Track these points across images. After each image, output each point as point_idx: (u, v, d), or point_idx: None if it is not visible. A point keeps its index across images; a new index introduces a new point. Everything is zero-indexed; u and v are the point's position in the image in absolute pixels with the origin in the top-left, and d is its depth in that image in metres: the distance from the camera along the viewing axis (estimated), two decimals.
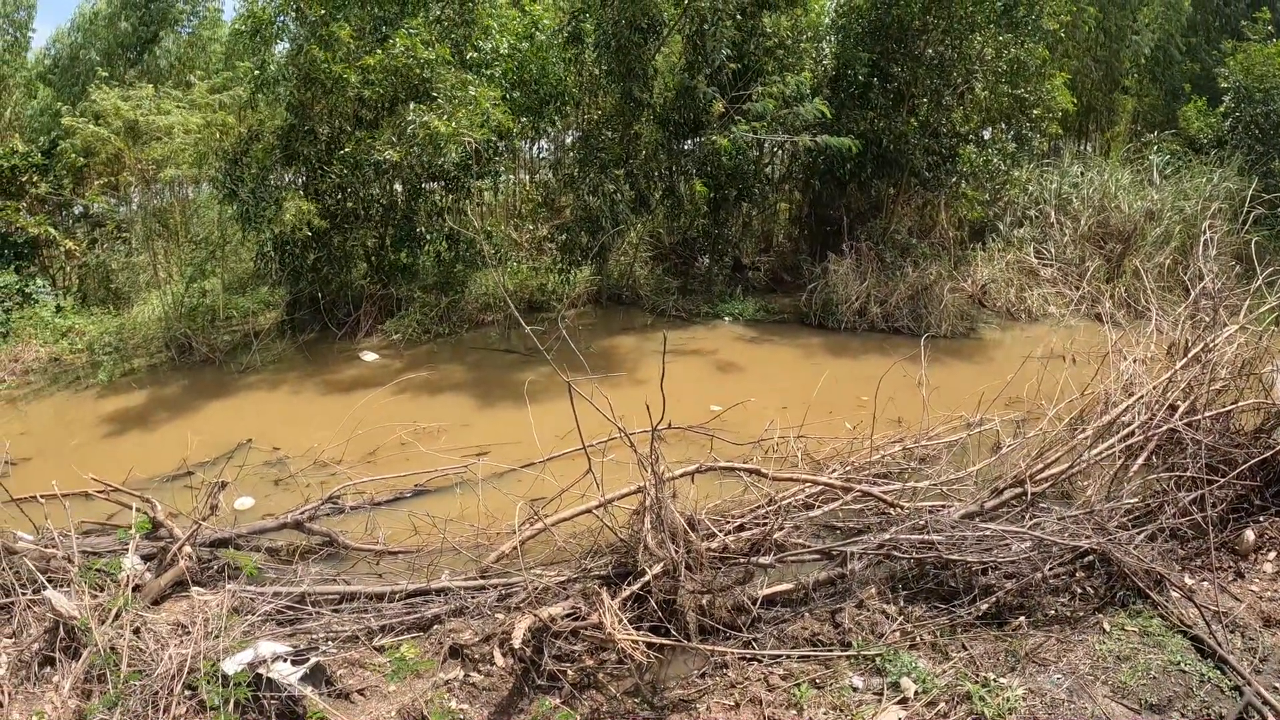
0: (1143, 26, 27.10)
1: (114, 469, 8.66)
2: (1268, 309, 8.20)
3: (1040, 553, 6.04)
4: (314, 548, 7.32)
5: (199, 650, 5.01)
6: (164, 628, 5.43)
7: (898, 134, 16.94)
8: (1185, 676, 5.02)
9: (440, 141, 13.57)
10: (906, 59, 17.08)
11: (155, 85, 17.33)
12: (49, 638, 5.25)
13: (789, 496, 6.93)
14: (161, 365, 14.29)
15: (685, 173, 17.10)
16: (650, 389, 5.91)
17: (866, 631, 5.60)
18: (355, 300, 15.79)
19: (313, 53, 13.82)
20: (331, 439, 9.60)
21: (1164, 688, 4.91)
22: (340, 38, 13.76)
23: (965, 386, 9.74)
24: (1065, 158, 22.32)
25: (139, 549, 6.42)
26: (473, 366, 13.83)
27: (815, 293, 16.38)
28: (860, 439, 8.27)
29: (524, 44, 16.03)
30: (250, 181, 14.20)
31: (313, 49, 13.85)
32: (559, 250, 17.38)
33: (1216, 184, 19.24)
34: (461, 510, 7.43)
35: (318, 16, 14.05)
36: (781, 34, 17.11)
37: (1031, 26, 17.08)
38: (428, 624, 5.88)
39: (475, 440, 9.77)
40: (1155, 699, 4.81)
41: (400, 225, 15.67)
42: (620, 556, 5.82)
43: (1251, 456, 6.92)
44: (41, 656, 5.20)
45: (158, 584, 6.12)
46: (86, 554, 6.38)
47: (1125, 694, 4.86)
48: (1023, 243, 18.73)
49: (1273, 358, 7.90)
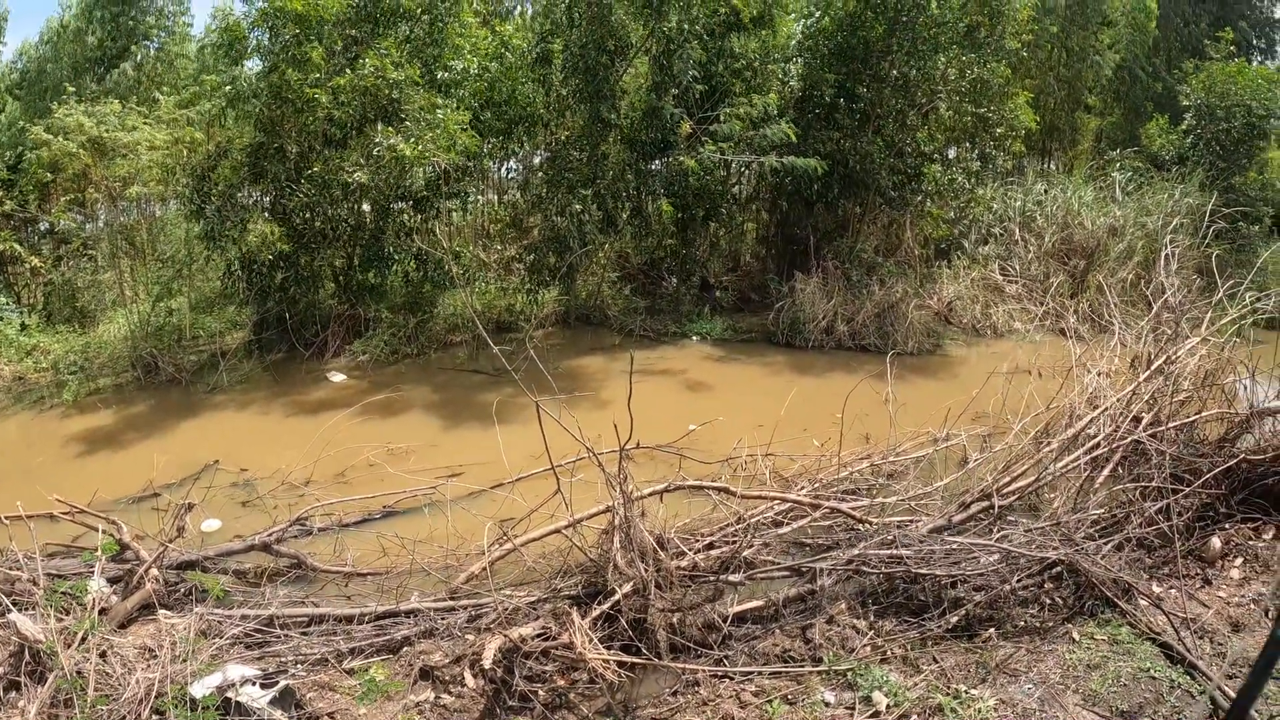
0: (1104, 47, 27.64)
1: (79, 490, 8.53)
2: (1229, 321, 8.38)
3: (1008, 565, 6.11)
4: (282, 570, 7.25)
5: (167, 674, 4.95)
6: (131, 651, 5.35)
7: (863, 154, 17.15)
8: (1155, 683, 5.08)
9: (407, 164, 13.57)
10: (872, 80, 17.32)
11: (122, 101, 17.19)
12: (14, 662, 5.15)
13: (758, 514, 6.97)
14: (127, 385, 14.12)
15: (653, 193, 17.19)
16: (618, 409, 5.93)
17: (837, 646, 5.63)
18: (323, 320, 15.68)
19: (285, 73, 13.78)
20: (299, 460, 9.53)
21: (1134, 694, 4.98)
22: (313, 59, 13.74)
23: (932, 402, 9.84)
24: (1029, 175, 22.73)
25: (105, 571, 6.34)
26: (441, 387, 13.78)
27: (782, 311, 16.52)
28: (828, 456, 8.33)
29: (493, 64, 16.07)
30: (217, 199, 14.10)
31: (285, 69, 13.81)
32: (527, 270, 17.40)
33: (1178, 200, 19.62)
34: (431, 531, 7.40)
35: (291, 35, 14.01)
36: (749, 56, 17.31)
37: (994, 46, 17.41)
38: (398, 646, 5.85)
39: (444, 461, 9.74)
40: (1126, 706, 4.88)
41: (368, 245, 15.60)
42: (590, 576, 5.83)
43: (1216, 465, 7.06)
44: (6, 681, 5.10)
45: (124, 607, 6.04)
46: (52, 576, 6.28)
47: (1096, 702, 4.92)
48: (988, 260, 18.99)
49: (1234, 368, 8.06)
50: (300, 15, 13.81)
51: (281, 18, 13.94)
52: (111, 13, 22.43)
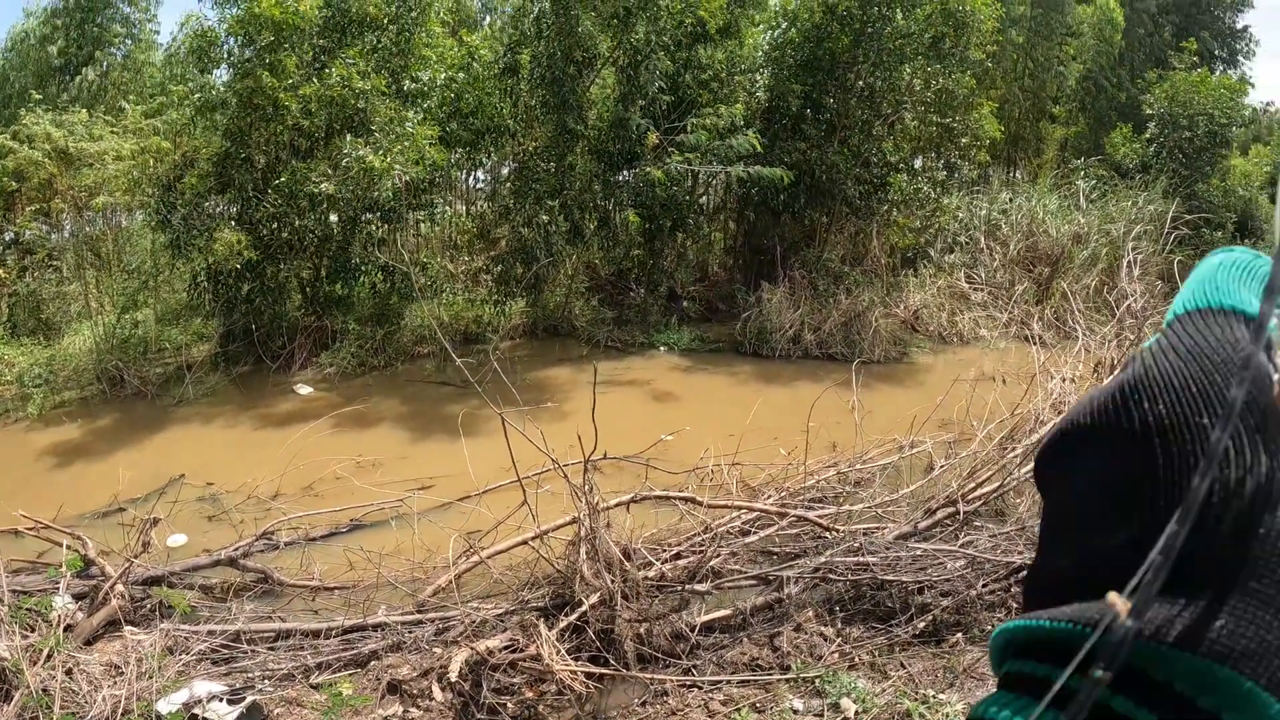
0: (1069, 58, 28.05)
1: (44, 505, 8.43)
2: None
3: (974, 570, 6.19)
4: (249, 585, 7.21)
5: (133, 691, 4.92)
6: (97, 668, 5.31)
7: (830, 164, 17.28)
8: None
9: (375, 175, 13.54)
10: (838, 90, 17.48)
11: (89, 110, 17.02)
12: None
13: (725, 524, 7.01)
14: (93, 398, 13.95)
15: (620, 204, 17.22)
16: (585, 419, 5.96)
17: (805, 654, 5.68)
18: (290, 332, 15.55)
19: (260, 77, 13.71)
20: (266, 474, 9.45)
21: None
22: (287, 66, 13.70)
23: (898, 410, 9.93)
24: (994, 184, 23.00)
25: (70, 588, 6.28)
26: (408, 399, 13.74)
27: (750, 321, 16.59)
28: (795, 465, 8.39)
29: (460, 75, 16.07)
30: (183, 208, 14.00)
31: (261, 74, 13.74)
32: (494, 282, 17.35)
33: (1141, 207, 19.94)
34: (398, 545, 7.38)
35: (267, 42, 13.95)
36: (716, 67, 17.39)
37: (959, 57, 17.62)
38: (365, 660, 5.83)
39: (412, 473, 9.70)
40: None
41: (335, 256, 15.52)
42: (557, 587, 5.84)
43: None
44: None
45: (90, 624, 5.99)
46: (16, 593, 6.21)
47: None
48: (954, 268, 19.18)
49: None
50: (278, 22, 13.77)
51: (257, 24, 13.88)
52: (76, 19, 22.19)
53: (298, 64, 13.99)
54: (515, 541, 6.54)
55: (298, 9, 13.84)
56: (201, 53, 14.82)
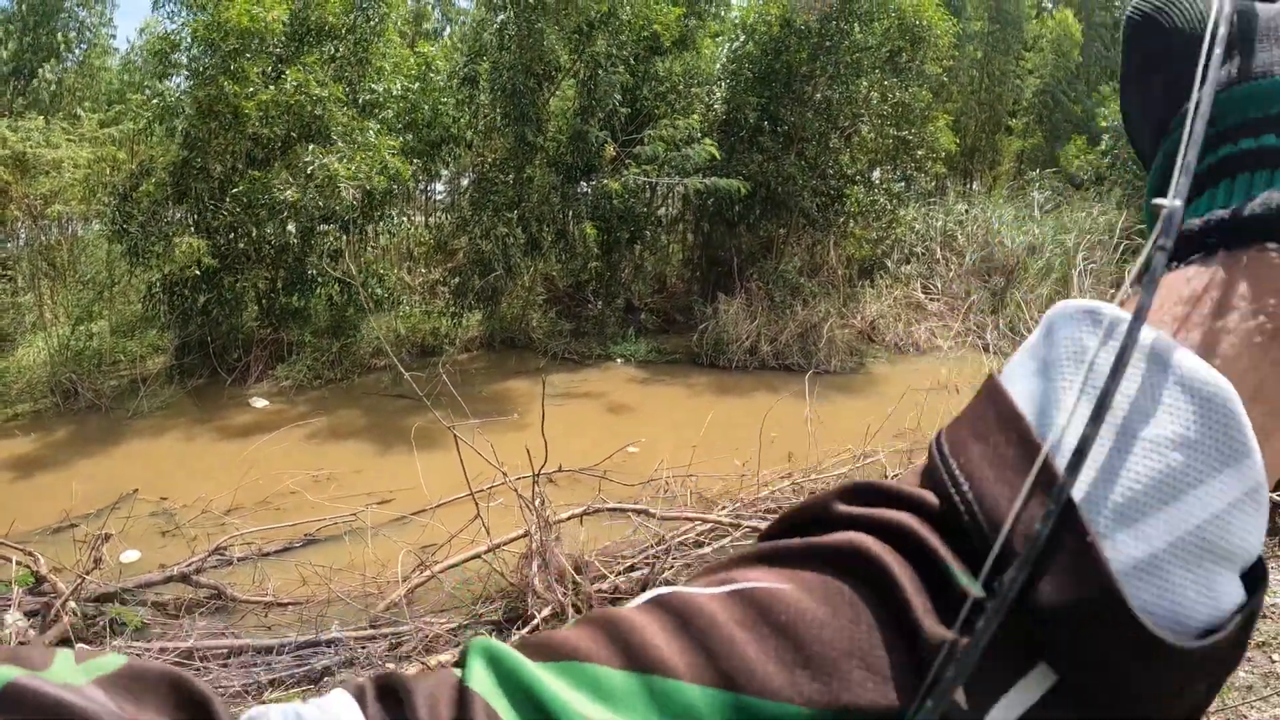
0: (1025, 72, 28.53)
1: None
2: None
3: None
4: (202, 601, 7.17)
5: None
6: None
7: (786, 175, 17.43)
8: None
9: (339, 183, 13.51)
10: (795, 103, 17.65)
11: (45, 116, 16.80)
12: None
13: (680, 535, 7.08)
14: (46, 411, 13.76)
15: (578, 216, 17.24)
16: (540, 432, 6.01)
17: None
18: (246, 345, 15.44)
19: (222, 84, 13.62)
20: (221, 488, 9.38)
21: None
22: (249, 74, 13.64)
23: (854, 420, 10.02)
24: (951, 196, 23.30)
25: (22, 605, 6.23)
26: (365, 412, 13.68)
27: (706, 333, 16.65)
28: (750, 476, 8.47)
29: (415, 85, 16.07)
30: (140, 216, 13.88)
31: (223, 81, 13.66)
32: (451, 294, 17.30)
33: (1095, 218, 20.28)
34: (351, 559, 7.36)
35: (230, 49, 13.87)
36: (673, 79, 17.50)
37: (915, 71, 17.87)
38: (318, 676, 5.83)
39: (367, 487, 9.66)
40: None
41: (292, 268, 15.43)
42: (510, 601, 5.89)
43: None
44: None
45: (41, 641, 5.95)
46: None
47: None
48: (910, 279, 19.41)
49: None
50: (244, 30, 13.70)
51: (222, 31, 13.80)
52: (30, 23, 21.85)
53: (258, 73, 13.93)
54: (467, 555, 6.57)
55: (266, 18, 13.79)
56: (162, 57, 14.70)
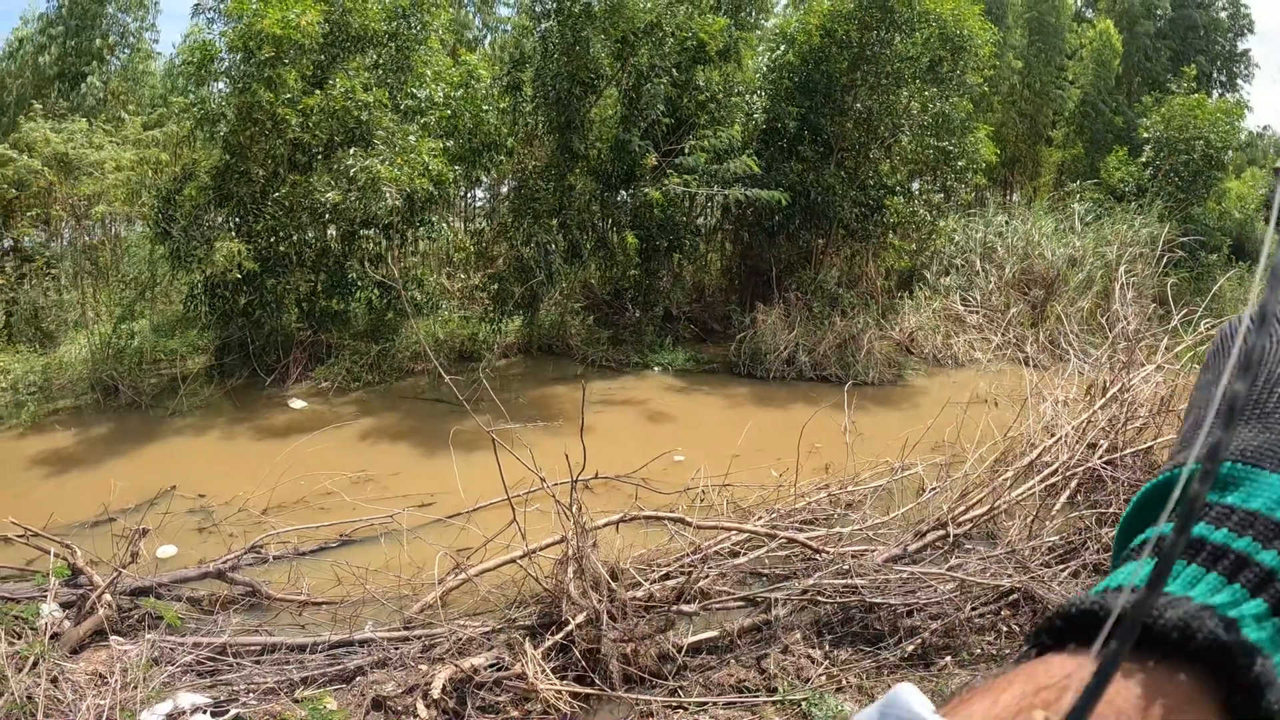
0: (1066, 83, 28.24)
1: (34, 513, 8.42)
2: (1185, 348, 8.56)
3: (964, 593, 6.19)
4: (236, 597, 7.19)
5: (117, 701, 4.91)
6: (82, 677, 5.29)
7: (826, 186, 17.33)
8: None
9: (380, 186, 13.58)
10: (835, 113, 17.58)
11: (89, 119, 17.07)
12: None
13: (715, 544, 7.01)
14: (86, 407, 13.94)
15: (618, 224, 17.25)
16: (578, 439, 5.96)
17: (792, 676, 5.66)
18: (285, 346, 15.56)
19: (257, 92, 13.76)
20: (257, 487, 9.44)
21: None
22: (287, 81, 13.76)
23: (892, 432, 9.91)
24: (990, 207, 23.06)
25: (58, 596, 6.28)
26: (402, 415, 13.72)
27: (744, 342, 16.58)
28: (786, 486, 8.38)
29: (458, 93, 16.14)
30: (183, 219, 14.03)
31: (258, 89, 13.80)
32: (491, 299, 17.33)
33: (1137, 230, 20.00)
34: (386, 561, 7.35)
35: (266, 57, 14.02)
36: (714, 89, 17.46)
37: (956, 81, 17.70)
38: (350, 676, 5.82)
39: (403, 490, 9.69)
40: None
41: (333, 271, 15.55)
42: (544, 606, 5.84)
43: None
44: None
45: (76, 632, 5.98)
46: (3, 599, 6.23)
47: None
48: (949, 290, 19.24)
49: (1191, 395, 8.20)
50: (278, 37, 13.83)
51: (257, 40, 13.94)
52: (72, 28, 22.22)
53: (297, 78, 14.05)
54: (503, 560, 6.54)
55: (299, 25, 13.90)
56: (200, 66, 14.88)
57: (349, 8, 14.91)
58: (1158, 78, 29.80)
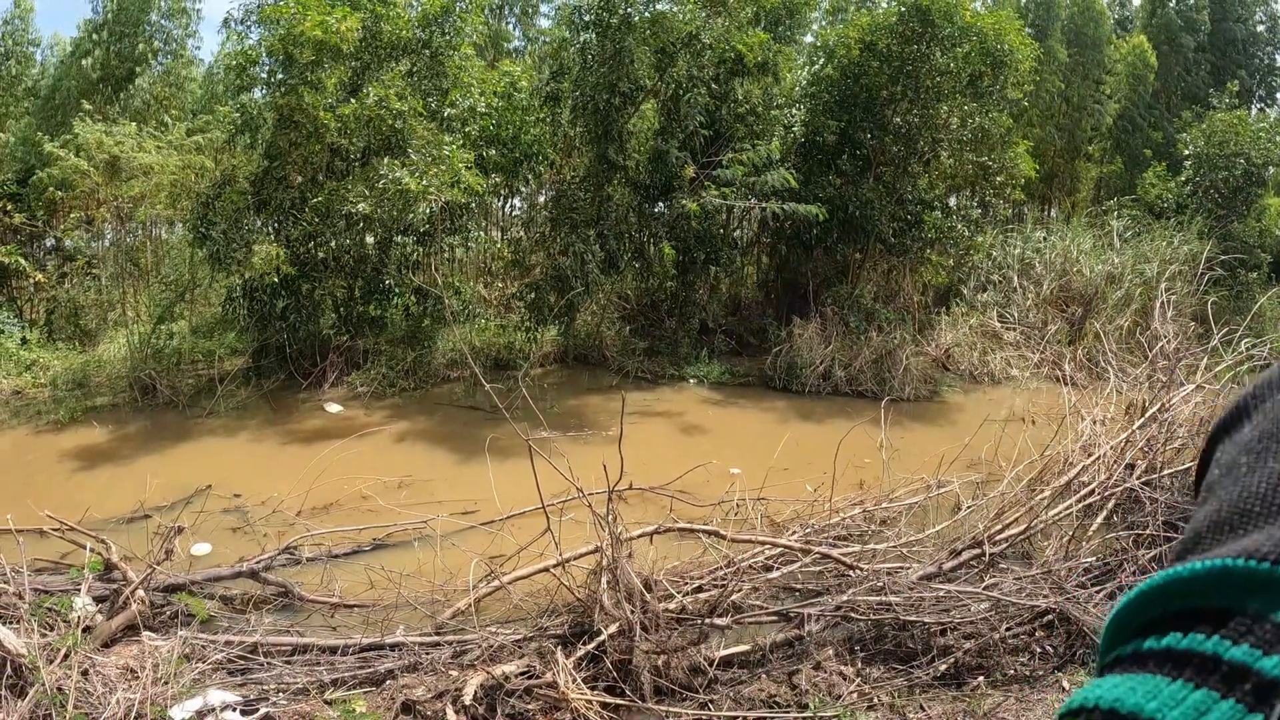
0: (1105, 97, 27.95)
1: (70, 507, 8.52)
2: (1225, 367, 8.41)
3: (998, 613, 6.10)
4: (269, 597, 7.22)
5: (147, 696, 4.93)
6: (113, 671, 5.32)
7: (864, 200, 17.24)
8: None
9: (410, 198, 13.67)
10: (874, 127, 17.49)
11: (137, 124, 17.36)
12: None
13: (748, 558, 6.95)
14: (124, 405, 14.12)
15: (655, 235, 17.24)
16: (613, 449, 5.94)
17: (824, 693, 5.60)
18: (322, 351, 15.69)
19: (301, 94, 13.91)
20: (292, 489, 9.50)
21: None
22: (327, 85, 13.91)
23: (927, 449, 9.82)
24: (1028, 223, 22.86)
25: (91, 590, 6.32)
26: (437, 422, 13.77)
27: (780, 356, 16.50)
28: (821, 501, 8.32)
29: (499, 102, 16.22)
30: (223, 223, 14.21)
31: (302, 91, 13.95)
32: (527, 308, 17.38)
33: (1176, 247, 19.74)
34: (419, 565, 7.35)
35: (307, 61, 14.17)
36: (753, 101, 17.43)
37: (996, 96, 17.57)
38: (381, 679, 5.81)
39: (438, 495, 9.69)
40: None
41: (370, 277, 15.67)
42: (577, 616, 5.81)
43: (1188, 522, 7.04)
44: None
45: (109, 626, 6.02)
46: (38, 592, 6.27)
47: None
48: (986, 307, 19.07)
49: None
50: (319, 41, 13.98)
51: (298, 45, 14.10)
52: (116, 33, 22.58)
53: (337, 84, 14.20)
54: (537, 568, 6.52)
55: (339, 29, 14.05)
56: (240, 71, 15.07)
57: (381, 15, 15.06)
58: (1197, 92, 29.45)
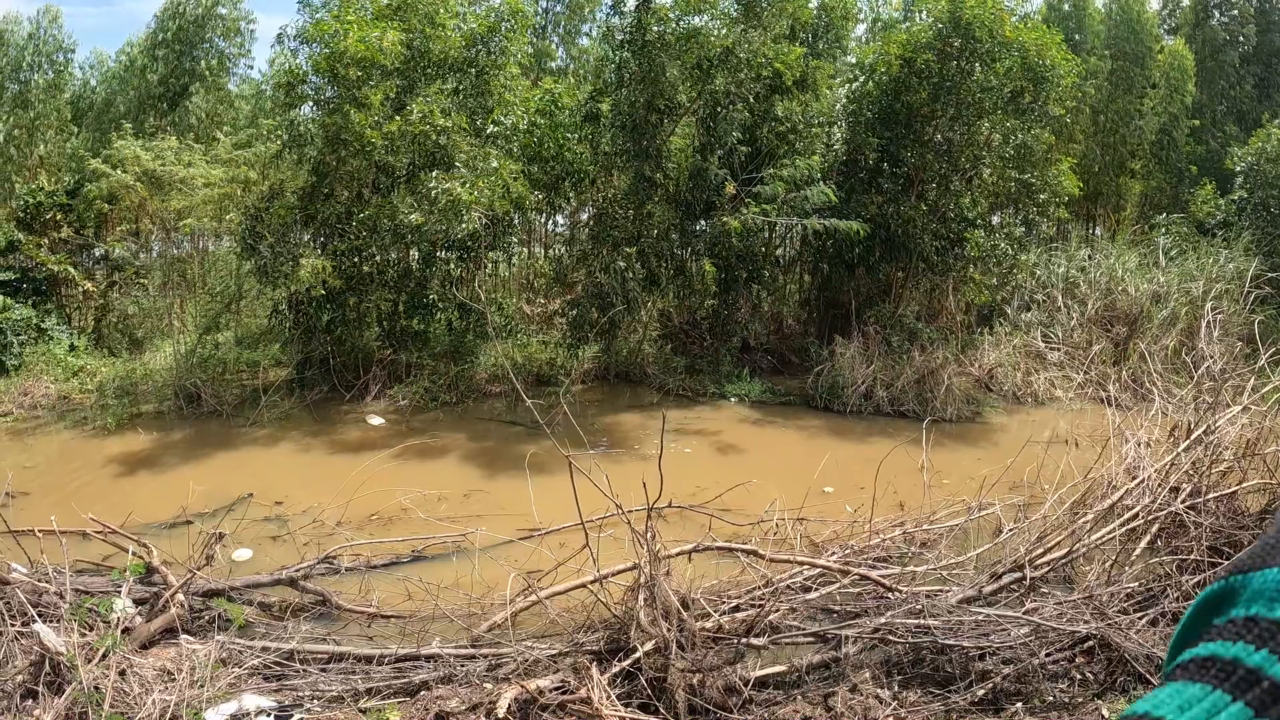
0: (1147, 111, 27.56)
1: (113, 511, 8.68)
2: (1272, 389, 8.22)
3: (1038, 638, 6.00)
4: (307, 606, 7.30)
5: (183, 698, 4.99)
6: (150, 672, 5.39)
7: (906, 218, 17.11)
8: None
9: (461, 208, 13.80)
10: (915, 144, 17.37)
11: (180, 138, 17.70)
12: (34, 670, 5.21)
13: (786, 578, 6.90)
14: (168, 413, 14.37)
15: (696, 253, 17.21)
16: (653, 466, 5.93)
17: (859, 716, 5.53)
18: (365, 363, 15.89)
19: (347, 112, 14.12)
20: (333, 499, 9.59)
21: None
22: (372, 102, 14.10)
23: (969, 470, 9.72)
24: (1072, 241, 22.53)
25: (132, 592, 6.43)
26: (478, 436, 13.85)
27: (821, 375, 16.37)
28: (861, 522, 8.24)
29: (542, 120, 16.33)
30: (270, 237, 14.43)
31: (348, 109, 14.16)
32: (569, 325, 17.41)
33: (1223, 265, 19.37)
34: (457, 578, 7.38)
35: (354, 79, 14.38)
36: (793, 119, 17.38)
37: (1038, 112, 17.38)
38: (415, 689, 5.83)
39: (477, 510, 9.76)
40: None
41: (414, 292, 15.84)
42: (613, 632, 5.80)
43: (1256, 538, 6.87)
44: (25, 689, 5.16)
45: (148, 628, 6.12)
46: (79, 592, 6.39)
47: None
48: (1030, 326, 18.81)
49: (1277, 438, 7.88)
50: (363, 59, 14.18)
51: (343, 62, 14.31)
52: (175, 51, 23.11)
53: (382, 100, 14.38)
54: (574, 584, 6.52)
55: (380, 45, 14.25)
56: (288, 89, 15.32)
57: (429, 34, 15.24)
58: (1243, 106, 28.99)
